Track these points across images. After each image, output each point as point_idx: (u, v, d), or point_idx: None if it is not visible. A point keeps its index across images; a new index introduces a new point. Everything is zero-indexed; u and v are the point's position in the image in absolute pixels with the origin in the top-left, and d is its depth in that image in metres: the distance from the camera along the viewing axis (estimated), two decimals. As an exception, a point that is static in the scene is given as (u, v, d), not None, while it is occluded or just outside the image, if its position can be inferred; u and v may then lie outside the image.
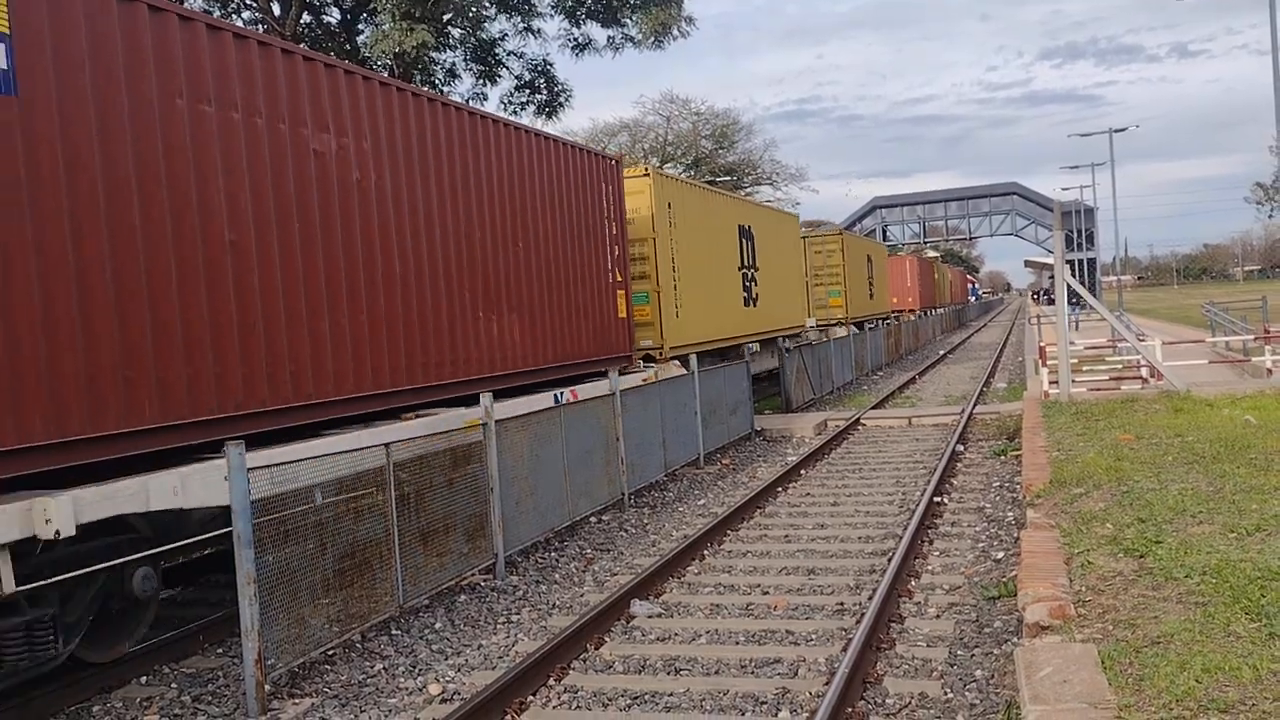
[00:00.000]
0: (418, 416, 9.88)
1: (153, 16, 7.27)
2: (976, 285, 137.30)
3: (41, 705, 7.02)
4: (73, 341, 6.58)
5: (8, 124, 6.22)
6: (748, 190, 58.75)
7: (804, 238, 31.10)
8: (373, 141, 9.63)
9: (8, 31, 6.24)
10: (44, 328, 6.40)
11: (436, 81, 25.41)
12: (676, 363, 16.84)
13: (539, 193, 12.80)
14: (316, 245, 8.83)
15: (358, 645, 8.06)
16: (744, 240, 21.99)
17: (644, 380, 14.86)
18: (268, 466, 7.06)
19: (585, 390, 13.03)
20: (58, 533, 6.13)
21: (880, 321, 38.38)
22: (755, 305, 22.46)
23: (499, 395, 10.80)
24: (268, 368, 8.16)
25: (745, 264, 22.00)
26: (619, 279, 15.10)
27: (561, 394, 12.55)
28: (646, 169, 17.61)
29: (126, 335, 6.96)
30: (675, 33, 26.12)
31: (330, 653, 7.84)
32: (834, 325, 31.73)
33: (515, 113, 26.91)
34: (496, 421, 9.92)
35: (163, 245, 7.27)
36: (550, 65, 27.36)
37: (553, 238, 13.09)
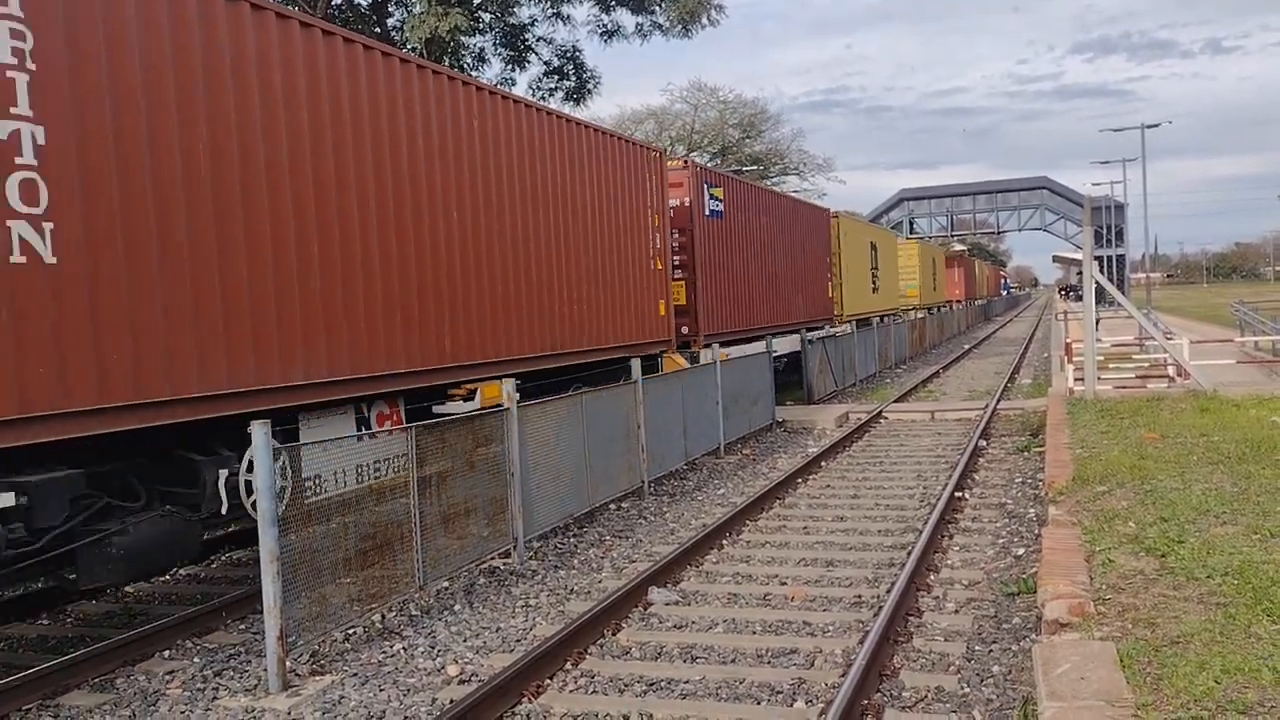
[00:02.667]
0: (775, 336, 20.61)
1: (752, 190, 21.64)
2: (1007, 280, 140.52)
3: (64, 677, 7.13)
4: (733, 305, 20.00)
5: (720, 228, 19.13)
6: (774, 180, 58.58)
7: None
8: (763, 216, 22.22)
9: (722, 198, 19.22)
10: (741, 293, 20.52)
11: (465, 65, 25.43)
12: (849, 324, 28.90)
13: (802, 228, 25.41)
14: (759, 263, 21.75)
15: (378, 625, 8.13)
16: (871, 250, 33.90)
17: (843, 331, 27.41)
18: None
19: (818, 333, 25.04)
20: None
21: (939, 307, 50.80)
22: (876, 293, 34.44)
23: (786, 333, 22.44)
24: (742, 313, 20.35)
25: (872, 266, 33.90)
26: (830, 275, 28.05)
27: (807, 332, 23.01)
28: (836, 213, 29.52)
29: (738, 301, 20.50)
30: (705, 21, 26.06)
31: (351, 631, 7.92)
32: (910, 310, 41.68)
33: (544, 98, 26.92)
34: (518, 406, 9.97)
35: (765, 261, 22.10)
36: (579, 51, 27.36)
37: (806, 248, 25.61)
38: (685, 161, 18.25)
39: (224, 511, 7.28)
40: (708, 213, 18.53)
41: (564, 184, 13.35)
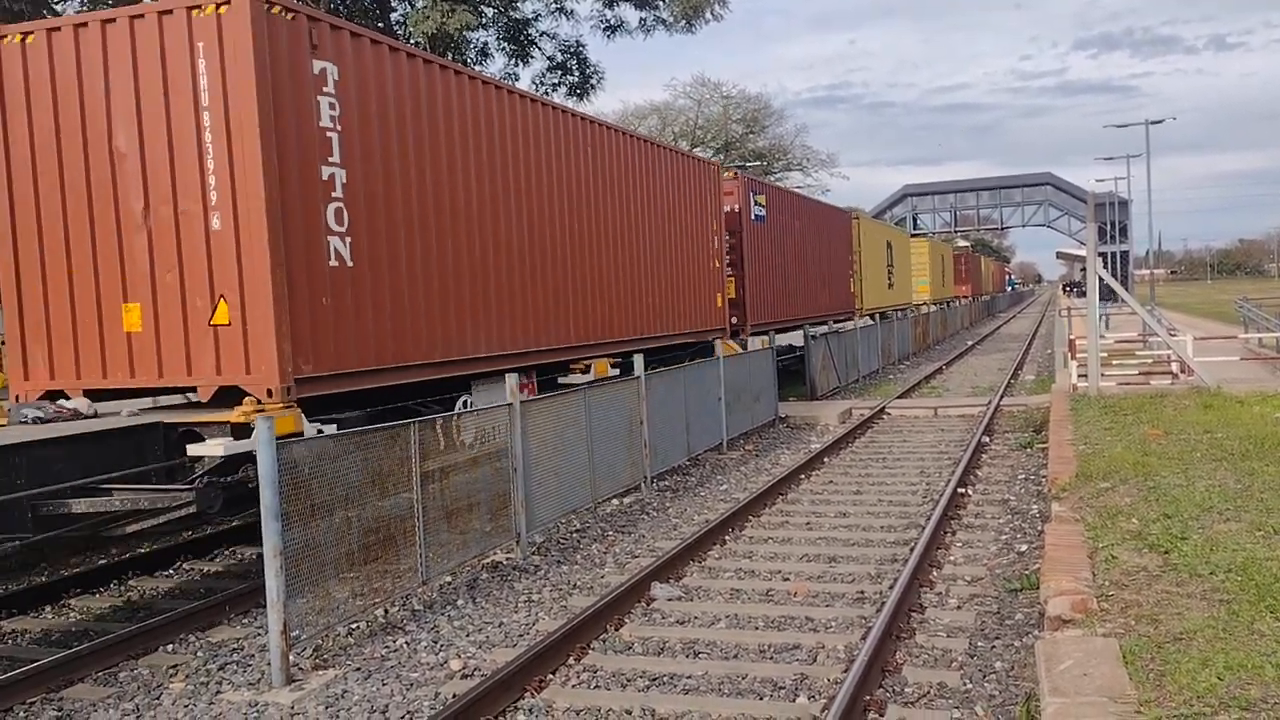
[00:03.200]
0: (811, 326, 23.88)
1: (789, 196, 25.69)
2: (1012, 276, 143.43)
3: (67, 670, 7.14)
4: (776, 295, 23.20)
5: (763, 231, 22.02)
6: (777, 176, 58.47)
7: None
8: (796, 219, 25.01)
9: (765, 204, 22.14)
10: (780, 288, 23.46)
11: (469, 60, 25.41)
12: (868, 318, 31.54)
13: (828, 229, 28.46)
14: (795, 261, 24.50)
15: (381, 619, 8.14)
16: (887, 249, 37.35)
17: (858, 324, 29.16)
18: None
19: (846, 324, 28.32)
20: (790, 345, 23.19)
21: (947, 303, 54.51)
22: (892, 288, 37.91)
23: (817, 323, 25.29)
24: (782, 305, 23.29)
25: (888, 263, 37.21)
26: (851, 272, 31.15)
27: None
28: (856, 215, 33.11)
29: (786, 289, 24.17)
30: (708, 15, 26.00)
31: (354, 626, 7.93)
32: (922, 304, 45.30)
33: (548, 93, 26.88)
34: (521, 402, 9.98)
35: (798, 260, 25.09)
36: (583, 46, 27.32)
37: (832, 248, 28.72)
38: (735, 173, 21.78)
39: (442, 447, 8.95)
40: (754, 217, 21.48)
41: (651, 198, 16.28)
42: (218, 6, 8.51)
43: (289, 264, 8.67)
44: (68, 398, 9.07)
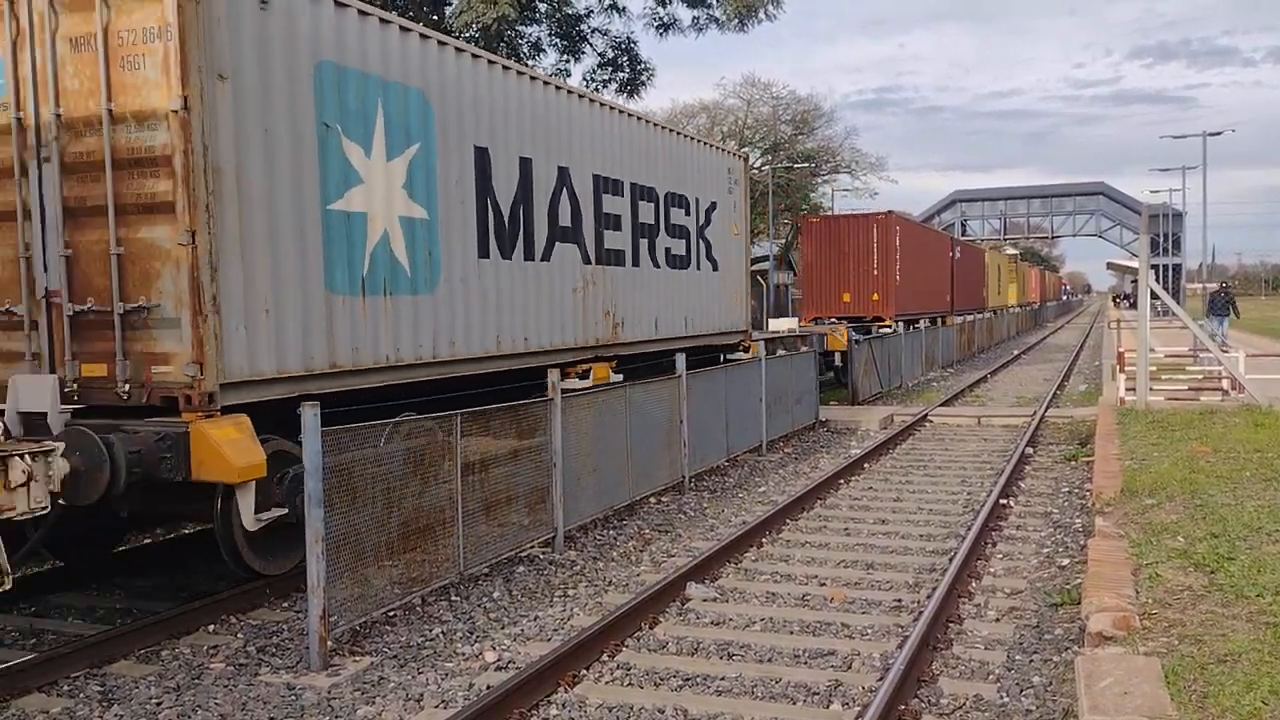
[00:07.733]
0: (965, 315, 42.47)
1: (965, 245, 47.48)
2: (1068, 286, 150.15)
3: (111, 647, 7.28)
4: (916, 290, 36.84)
5: (957, 262, 42.42)
6: (825, 177, 58.14)
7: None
8: (964, 255, 43.95)
9: (959, 251, 44.04)
10: (961, 292, 43.20)
11: (521, 55, 25.51)
12: (990, 312, 49.14)
13: (974, 258, 47.49)
14: (966, 276, 44.48)
15: (417, 608, 8.21)
16: (996, 268, 54.15)
17: (985, 315, 46.38)
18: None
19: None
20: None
21: (1022, 307, 68.28)
22: (999, 294, 54.90)
23: (974, 312, 44.94)
24: (964, 301, 43.20)
25: (997, 278, 53.93)
26: (983, 283, 48.35)
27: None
28: (984, 249, 52.80)
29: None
30: (762, 15, 25.88)
31: (391, 614, 8.01)
32: (1010, 307, 59.14)
33: (598, 89, 26.93)
34: (562, 397, 10.01)
35: (967, 278, 45.24)
36: (634, 44, 27.31)
37: (974, 268, 46.41)
38: (951, 236, 41.40)
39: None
40: (956, 257, 39.84)
41: (934, 249, 35.09)
42: (882, 217, 28.98)
43: (895, 282, 28.45)
44: (822, 320, 27.44)
